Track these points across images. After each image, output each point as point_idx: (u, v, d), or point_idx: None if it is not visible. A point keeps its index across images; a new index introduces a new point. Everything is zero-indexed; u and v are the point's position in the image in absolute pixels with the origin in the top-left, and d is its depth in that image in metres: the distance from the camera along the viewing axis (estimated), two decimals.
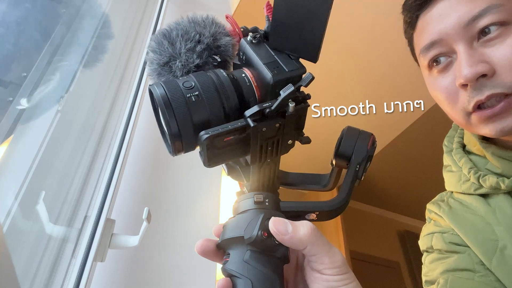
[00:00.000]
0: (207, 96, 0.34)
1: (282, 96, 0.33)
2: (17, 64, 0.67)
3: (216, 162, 0.34)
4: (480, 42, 0.47)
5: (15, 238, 0.57)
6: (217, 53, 0.39)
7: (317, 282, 0.32)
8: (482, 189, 0.54)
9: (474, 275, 0.50)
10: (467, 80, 0.46)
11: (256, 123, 0.33)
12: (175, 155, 0.35)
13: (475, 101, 0.47)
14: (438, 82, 0.52)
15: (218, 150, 0.34)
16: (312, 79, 0.34)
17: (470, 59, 0.46)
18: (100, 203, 0.68)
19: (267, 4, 0.39)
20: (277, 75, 0.35)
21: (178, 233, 0.87)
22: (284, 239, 0.32)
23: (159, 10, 1.13)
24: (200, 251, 0.35)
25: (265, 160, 0.36)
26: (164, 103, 0.32)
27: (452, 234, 0.55)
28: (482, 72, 0.45)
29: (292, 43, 0.36)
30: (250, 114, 0.33)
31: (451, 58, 0.50)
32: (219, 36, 0.39)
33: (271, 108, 0.33)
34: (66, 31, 0.77)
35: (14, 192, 0.59)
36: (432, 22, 0.50)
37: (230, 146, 0.34)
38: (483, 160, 0.55)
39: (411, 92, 2.06)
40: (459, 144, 0.61)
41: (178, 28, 0.38)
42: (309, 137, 0.39)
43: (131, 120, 0.83)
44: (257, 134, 0.33)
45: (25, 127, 0.65)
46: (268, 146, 0.35)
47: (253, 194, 0.36)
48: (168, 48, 0.38)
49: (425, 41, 0.51)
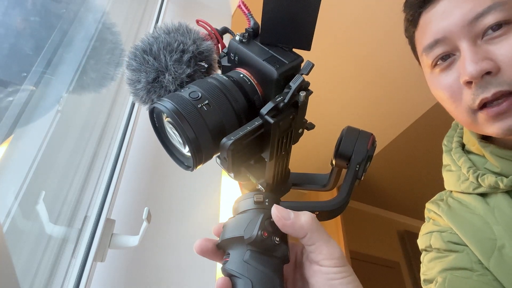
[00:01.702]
0: (217, 102, 0.34)
1: (293, 87, 0.33)
2: (17, 64, 0.67)
3: (238, 167, 0.35)
4: (484, 40, 0.47)
5: (15, 238, 0.57)
6: (201, 59, 0.38)
7: (316, 276, 0.32)
8: (481, 188, 0.54)
9: (472, 274, 0.50)
10: (472, 77, 0.46)
11: (275, 119, 0.33)
12: (195, 168, 0.34)
13: (481, 98, 0.47)
14: (441, 81, 0.52)
15: (239, 154, 0.34)
16: (313, 66, 0.35)
17: (474, 56, 0.46)
18: (100, 203, 0.68)
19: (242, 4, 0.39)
20: (280, 68, 0.35)
21: (178, 233, 0.87)
22: (286, 224, 0.33)
23: (159, 10, 1.13)
24: (198, 251, 0.35)
25: (280, 154, 0.36)
26: (178, 117, 0.32)
27: (451, 233, 0.56)
28: (487, 69, 0.45)
29: (284, 35, 0.37)
30: (266, 111, 0.33)
31: (455, 56, 0.50)
32: (199, 41, 0.38)
33: (285, 102, 0.33)
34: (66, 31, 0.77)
35: (14, 192, 0.59)
36: (435, 19, 0.50)
37: (248, 147, 0.34)
38: (482, 160, 0.56)
39: (411, 92, 2.06)
40: (459, 144, 0.61)
41: (158, 42, 0.37)
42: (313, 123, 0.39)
43: (131, 120, 0.83)
44: (277, 129, 0.33)
45: (25, 127, 0.65)
46: (284, 139, 0.35)
47: (253, 194, 0.36)
48: (153, 63, 0.37)
49: (428, 39, 0.51)
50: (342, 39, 1.85)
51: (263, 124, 0.33)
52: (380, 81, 2.06)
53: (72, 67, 0.75)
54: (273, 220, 0.34)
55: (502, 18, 0.46)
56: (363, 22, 1.78)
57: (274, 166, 0.37)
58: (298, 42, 0.37)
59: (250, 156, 0.36)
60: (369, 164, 0.41)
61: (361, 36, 1.84)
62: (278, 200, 0.37)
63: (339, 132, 0.44)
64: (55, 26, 0.74)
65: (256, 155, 0.36)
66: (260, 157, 0.37)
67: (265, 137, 0.34)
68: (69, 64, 0.75)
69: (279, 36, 0.37)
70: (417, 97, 2.07)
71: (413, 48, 0.58)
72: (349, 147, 0.41)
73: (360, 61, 1.98)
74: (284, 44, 0.37)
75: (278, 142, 0.35)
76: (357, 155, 0.41)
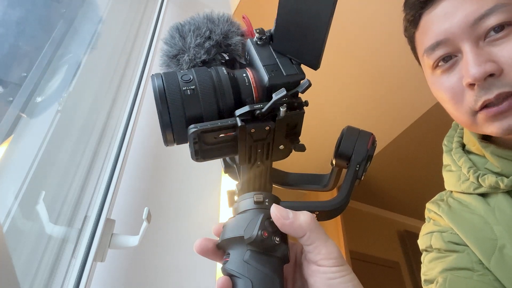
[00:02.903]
0: (203, 91, 0.34)
1: (273, 99, 0.33)
2: (17, 64, 0.67)
3: (204, 158, 0.35)
4: (487, 41, 0.47)
5: (15, 238, 0.57)
6: (226, 51, 0.39)
7: (315, 276, 0.32)
8: (482, 189, 0.54)
9: (473, 274, 0.50)
10: (475, 80, 0.46)
11: (244, 123, 0.33)
12: (166, 145, 0.35)
13: (483, 100, 0.47)
14: (443, 82, 0.51)
15: (208, 146, 0.34)
16: (309, 86, 0.34)
17: (477, 58, 0.46)
18: (100, 203, 0.68)
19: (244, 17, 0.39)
20: (274, 78, 0.34)
21: (178, 233, 0.87)
22: (285, 223, 0.33)
23: (159, 10, 1.13)
24: (199, 250, 0.35)
25: (254, 162, 0.36)
26: (159, 95, 0.33)
27: (451, 233, 0.56)
28: (490, 72, 0.45)
29: (294, 48, 0.36)
30: (240, 113, 0.33)
31: (456, 58, 0.49)
32: (231, 34, 0.39)
33: (262, 110, 0.33)
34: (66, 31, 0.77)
35: (14, 192, 0.59)
36: (437, 21, 0.50)
37: (220, 144, 0.34)
38: (482, 160, 0.55)
39: (411, 92, 2.06)
40: (459, 144, 0.61)
41: (192, 23, 0.39)
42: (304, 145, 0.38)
43: (131, 120, 0.83)
44: (245, 134, 0.33)
45: (25, 127, 0.65)
46: (258, 149, 0.35)
47: (253, 194, 0.36)
48: (178, 41, 0.38)
49: (430, 41, 0.51)
50: (342, 39, 1.85)
51: (235, 125, 0.33)
52: (380, 81, 2.06)
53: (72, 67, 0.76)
54: (273, 220, 0.34)
55: (504, 19, 0.45)
56: (363, 22, 1.78)
57: (248, 172, 0.37)
58: (307, 58, 0.36)
59: (223, 153, 0.36)
60: (369, 164, 0.41)
61: (362, 36, 1.85)
62: (279, 200, 0.37)
63: (339, 132, 0.43)
64: (55, 26, 0.74)
65: (231, 155, 0.36)
66: None
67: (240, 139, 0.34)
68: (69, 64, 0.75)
69: (290, 47, 0.36)
70: (417, 97, 2.07)
71: (413, 48, 0.58)
72: (349, 147, 0.41)
73: (360, 61, 1.98)
74: (293, 56, 0.36)
75: (250, 149, 0.35)
76: (357, 155, 0.41)
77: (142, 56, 0.98)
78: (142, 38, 1.08)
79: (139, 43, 1.07)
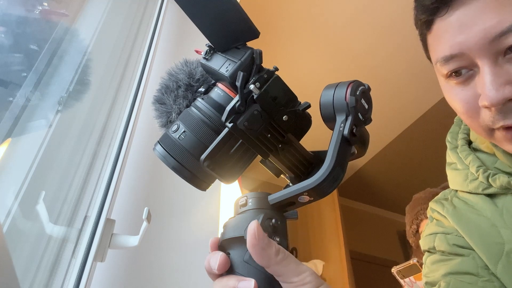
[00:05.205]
0: (191, 127, 0.37)
1: (238, 86, 0.34)
2: (17, 64, 0.67)
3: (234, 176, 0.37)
4: (507, 58, 0.43)
5: (15, 238, 0.57)
6: (199, 85, 0.42)
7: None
8: (491, 189, 0.51)
9: (477, 279, 0.48)
10: (493, 105, 0.42)
11: (233, 123, 0.33)
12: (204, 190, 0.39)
13: (501, 124, 0.44)
14: (457, 93, 0.48)
15: (229, 164, 0.35)
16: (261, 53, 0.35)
17: (496, 80, 0.42)
18: (100, 203, 0.68)
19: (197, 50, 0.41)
20: (230, 70, 0.36)
21: (178, 233, 0.87)
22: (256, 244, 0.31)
23: (159, 10, 1.13)
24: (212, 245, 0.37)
25: (277, 147, 0.36)
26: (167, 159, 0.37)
27: (457, 235, 0.53)
28: (509, 98, 0.42)
29: (229, 36, 0.37)
30: (224, 118, 0.34)
31: (473, 71, 0.45)
32: (194, 71, 0.42)
33: (239, 103, 0.34)
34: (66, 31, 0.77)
35: (14, 192, 0.59)
36: (452, 31, 0.45)
37: (239, 155, 0.35)
38: (491, 158, 0.52)
39: (411, 93, 2.06)
40: (465, 141, 0.57)
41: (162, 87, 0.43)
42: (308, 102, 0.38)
43: (131, 120, 0.83)
44: (240, 131, 0.34)
45: (25, 127, 0.65)
46: (267, 134, 0.35)
47: (253, 194, 0.36)
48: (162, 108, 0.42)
49: (443, 52, 0.46)
50: (339, 39, 1.85)
51: (229, 131, 0.34)
52: (379, 81, 2.06)
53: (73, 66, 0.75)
54: (273, 220, 0.34)
55: None
56: (363, 22, 1.78)
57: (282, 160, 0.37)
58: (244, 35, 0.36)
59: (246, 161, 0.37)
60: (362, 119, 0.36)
61: (359, 36, 1.84)
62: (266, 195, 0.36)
63: None
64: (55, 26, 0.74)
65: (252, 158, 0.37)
66: None
67: None
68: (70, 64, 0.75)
69: (225, 39, 0.37)
70: (417, 98, 2.07)
71: (424, 46, 0.53)
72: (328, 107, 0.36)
73: (359, 62, 1.98)
74: (235, 43, 0.37)
75: (260, 139, 0.35)
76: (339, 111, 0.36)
77: (142, 56, 0.98)
78: (142, 38, 1.08)
79: (139, 43, 1.07)
